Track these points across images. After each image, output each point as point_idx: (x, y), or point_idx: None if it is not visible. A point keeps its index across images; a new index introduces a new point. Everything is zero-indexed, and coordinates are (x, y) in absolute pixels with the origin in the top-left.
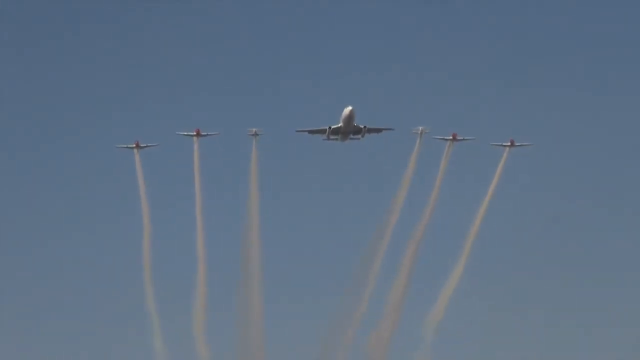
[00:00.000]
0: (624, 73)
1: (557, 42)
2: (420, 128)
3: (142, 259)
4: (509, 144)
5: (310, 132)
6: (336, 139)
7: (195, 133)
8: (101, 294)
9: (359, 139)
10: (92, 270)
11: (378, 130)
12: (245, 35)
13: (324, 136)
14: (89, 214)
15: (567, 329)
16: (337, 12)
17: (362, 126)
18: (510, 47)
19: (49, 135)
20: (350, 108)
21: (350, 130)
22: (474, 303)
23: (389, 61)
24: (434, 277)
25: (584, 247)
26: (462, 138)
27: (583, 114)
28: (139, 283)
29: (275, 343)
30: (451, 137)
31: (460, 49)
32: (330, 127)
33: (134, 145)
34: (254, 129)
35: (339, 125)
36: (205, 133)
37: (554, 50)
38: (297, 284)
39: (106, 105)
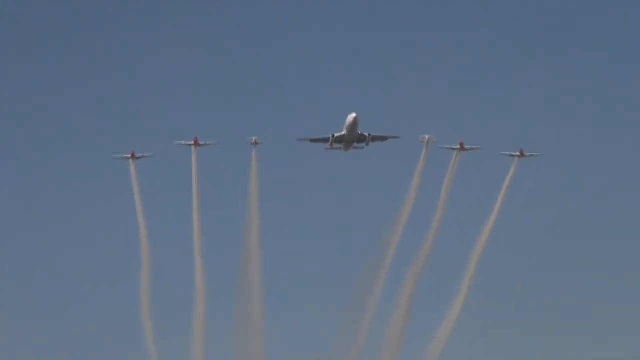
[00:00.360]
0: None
1: (566, 47)
2: (427, 136)
3: (139, 274)
4: (518, 153)
5: (313, 140)
6: (339, 148)
7: (193, 142)
8: (97, 307)
9: (363, 147)
10: (88, 283)
11: (383, 139)
12: (245, 41)
13: (327, 145)
14: (83, 225)
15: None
16: (341, 17)
17: (367, 134)
18: (518, 51)
19: (41, 144)
20: (354, 115)
21: (354, 138)
22: (478, 326)
23: (394, 67)
24: (438, 298)
25: (600, 266)
26: (469, 147)
27: (595, 121)
28: (135, 299)
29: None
30: (458, 146)
31: (467, 54)
32: (333, 135)
33: (130, 156)
34: (253, 138)
35: (343, 133)
36: (204, 142)
37: (564, 55)
38: (298, 299)
39: (101, 114)
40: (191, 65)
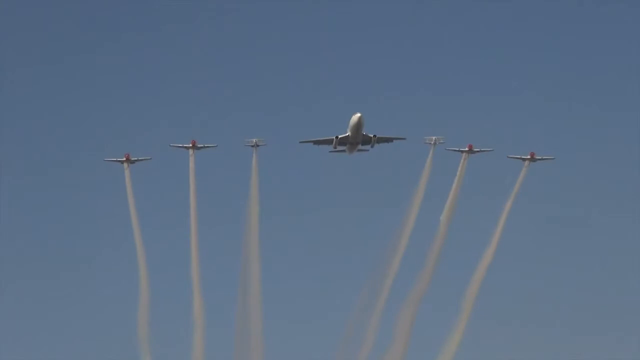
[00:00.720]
0: None
1: (576, 49)
2: (434, 138)
3: (137, 282)
4: (528, 157)
5: (316, 142)
6: (343, 151)
7: (191, 145)
8: (94, 312)
9: (367, 150)
10: (83, 289)
11: (389, 140)
12: (245, 41)
13: (331, 147)
14: (75, 231)
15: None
16: (344, 16)
17: (372, 135)
18: (526, 50)
19: (33, 146)
20: (358, 115)
21: (358, 139)
22: (487, 332)
23: (400, 67)
24: (445, 301)
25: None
26: (478, 150)
27: (609, 125)
28: (133, 305)
29: None
30: (467, 149)
31: (474, 54)
32: (337, 137)
33: (124, 159)
34: (254, 139)
35: (347, 134)
36: (202, 145)
37: (573, 56)
38: (300, 305)
39: (95, 115)
40: (190, 65)
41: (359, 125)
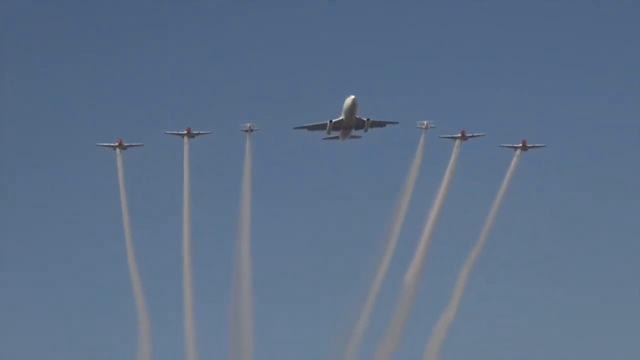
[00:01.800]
0: None
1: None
2: (425, 122)
3: (127, 272)
4: (520, 145)
5: (310, 128)
6: (337, 137)
7: (185, 132)
8: (86, 305)
9: (360, 137)
10: (72, 273)
11: (382, 124)
12: (240, 29)
13: (325, 132)
14: (64, 217)
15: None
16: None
17: (365, 119)
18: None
19: (21, 131)
20: (352, 97)
21: (352, 123)
22: (476, 325)
23: (396, 56)
24: (438, 295)
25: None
26: (471, 135)
27: (601, 112)
28: (128, 300)
29: None
30: (459, 135)
31: (469, 47)
32: (331, 121)
33: (117, 144)
34: (248, 124)
35: (341, 118)
36: (197, 132)
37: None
38: (291, 296)
39: (88, 100)
40: (186, 54)
41: (352, 107)
